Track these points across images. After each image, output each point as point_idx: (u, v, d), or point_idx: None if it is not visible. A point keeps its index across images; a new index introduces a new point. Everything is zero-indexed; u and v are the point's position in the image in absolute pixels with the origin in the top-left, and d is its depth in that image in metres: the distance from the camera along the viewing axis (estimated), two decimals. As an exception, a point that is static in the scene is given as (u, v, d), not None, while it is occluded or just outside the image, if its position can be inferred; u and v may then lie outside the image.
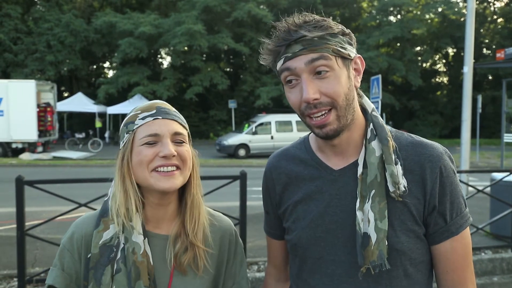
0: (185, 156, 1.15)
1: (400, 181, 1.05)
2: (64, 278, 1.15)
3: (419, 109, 30.95)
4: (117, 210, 1.15)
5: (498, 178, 5.53)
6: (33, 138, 18.44)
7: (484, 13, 32.49)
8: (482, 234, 5.77)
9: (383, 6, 28.94)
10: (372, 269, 1.04)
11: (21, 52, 26.56)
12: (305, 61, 1.03)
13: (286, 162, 1.24)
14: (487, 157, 18.98)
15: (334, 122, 1.05)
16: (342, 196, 1.11)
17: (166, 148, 1.11)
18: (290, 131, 19.26)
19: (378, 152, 1.08)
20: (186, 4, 26.67)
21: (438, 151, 1.10)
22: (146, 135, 1.12)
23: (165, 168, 1.12)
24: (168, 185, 1.12)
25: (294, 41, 1.04)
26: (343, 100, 1.04)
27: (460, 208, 1.10)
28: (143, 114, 1.15)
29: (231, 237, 1.29)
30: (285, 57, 1.05)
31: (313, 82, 1.03)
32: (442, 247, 1.09)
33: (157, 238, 1.19)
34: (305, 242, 1.15)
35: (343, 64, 1.06)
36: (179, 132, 1.15)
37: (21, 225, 3.75)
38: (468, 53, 8.79)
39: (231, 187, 4.23)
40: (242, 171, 4.19)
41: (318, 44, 1.03)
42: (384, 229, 1.04)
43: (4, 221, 7.19)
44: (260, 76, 27.69)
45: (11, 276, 4.42)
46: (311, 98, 1.02)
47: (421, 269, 1.11)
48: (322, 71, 1.03)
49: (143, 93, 24.76)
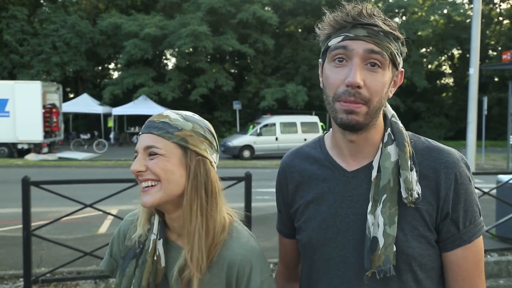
0: (154, 169, 1.08)
1: (414, 187, 1.04)
2: (110, 263, 1.26)
3: (424, 110, 30.85)
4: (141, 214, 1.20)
5: (504, 180, 5.50)
6: (39, 139, 18.53)
7: (490, 15, 32.36)
8: (488, 237, 5.74)
9: (388, 8, 28.86)
10: (377, 274, 1.04)
11: (27, 53, 26.72)
12: (364, 48, 1.02)
13: (299, 161, 1.23)
14: (493, 159, 18.88)
15: (362, 115, 1.03)
16: (354, 198, 1.10)
17: (133, 164, 1.09)
18: (295, 132, 19.25)
19: (394, 157, 1.08)
20: (191, 6, 26.73)
21: (454, 157, 1.09)
22: (134, 151, 1.13)
23: (143, 183, 1.10)
24: (144, 201, 1.10)
25: (362, 25, 1.02)
26: (378, 101, 1.05)
27: (474, 217, 1.08)
28: (142, 129, 1.17)
29: (242, 269, 1.11)
30: (346, 35, 1.03)
31: (362, 70, 1.02)
32: (454, 255, 1.08)
33: (173, 247, 1.17)
34: (316, 243, 1.14)
35: (391, 69, 1.07)
36: (149, 146, 1.09)
37: (27, 226, 3.77)
38: (474, 55, 8.75)
39: (236, 189, 4.22)
40: (247, 172, 4.20)
41: (382, 39, 1.03)
42: (392, 235, 1.03)
43: (10, 221, 7.23)
44: (264, 78, 27.70)
45: (17, 276, 4.44)
46: (357, 82, 1.00)
47: (431, 276, 1.10)
48: (375, 64, 1.03)
49: (148, 94, 24.82)
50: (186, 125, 1.13)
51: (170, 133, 1.10)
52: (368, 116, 1.04)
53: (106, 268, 1.27)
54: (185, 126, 1.12)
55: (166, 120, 1.12)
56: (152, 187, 1.09)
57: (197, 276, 1.08)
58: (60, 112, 20.58)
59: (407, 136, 1.12)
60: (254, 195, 4.22)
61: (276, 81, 26.70)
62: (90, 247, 4.52)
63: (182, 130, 1.11)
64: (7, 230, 6.74)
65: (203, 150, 1.14)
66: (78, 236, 6.29)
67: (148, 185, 1.09)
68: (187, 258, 1.09)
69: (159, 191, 1.09)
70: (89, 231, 6.77)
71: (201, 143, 1.14)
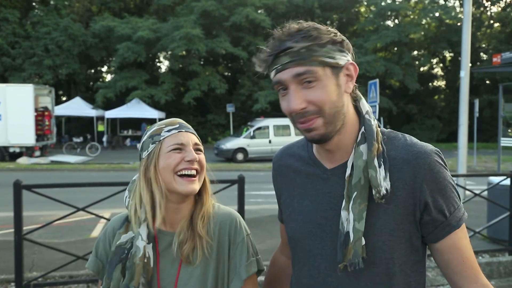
0: (203, 162, 1.35)
1: (380, 184, 1.08)
2: (96, 264, 1.38)
3: (417, 113, 31.03)
4: (134, 214, 1.33)
5: (495, 182, 5.55)
6: (31, 142, 18.41)
7: (481, 18, 32.67)
8: (480, 238, 5.78)
9: (381, 11, 29.06)
10: (348, 267, 1.09)
11: (19, 56, 26.55)
12: (292, 74, 1.07)
13: (287, 157, 1.33)
14: (484, 161, 19.02)
15: (320, 127, 1.10)
16: (332, 195, 1.17)
17: (191, 154, 1.31)
18: (288, 135, 19.27)
19: (365, 155, 1.12)
20: (184, 9, 26.74)
21: (427, 148, 1.13)
22: (173, 143, 1.31)
23: (188, 171, 1.30)
24: (190, 189, 1.30)
25: (283, 52, 1.08)
26: (330, 107, 1.08)
27: (456, 202, 1.12)
28: (168, 128, 1.34)
29: (230, 224, 1.38)
30: (276, 69, 1.10)
31: (300, 92, 1.08)
32: (449, 241, 1.11)
33: (169, 235, 1.34)
34: (298, 235, 1.22)
35: (332, 73, 1.09)
36: (198, 143, 1.36)
37: (19, 230, 3.76)
38: (465, 58, 8.84)
39: (229, 191, 4.23)
40: (240, 175, 4.20)
41: (304, 56, 1.06)
42: (361, 230, 1.08)
43: (1, 225, 7.18)
44: (258, 80, 27.72)
45: (9, 281, 4.40)
46: (297, 108, 1.08)
47: (403, 269, 1.13)
48: (309, 81, 1.07)
49: (141, 97, 24.77)
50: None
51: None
52: (328, 125, 1.10)
53: (93, 268, 1.38)
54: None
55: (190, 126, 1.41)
56: (195, 176, 1.31)
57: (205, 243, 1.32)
58: (52, 115, 20.46)
59: (377, 133, 1.15)
60: (248, 198, 4.23)
61: (269, 84, 26.61)
62: (83, 251, 4.50)
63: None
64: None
65: None
66: (71, 240, 6.25)
67: (193, 174, 1.31)
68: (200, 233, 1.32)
69: (199, 181, 1.33)
70: (81, 235, 6.73)
71: None
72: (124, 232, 1.34)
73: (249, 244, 1.39)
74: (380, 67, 25.98)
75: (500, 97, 12.67)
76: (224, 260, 1.36)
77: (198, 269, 1.32)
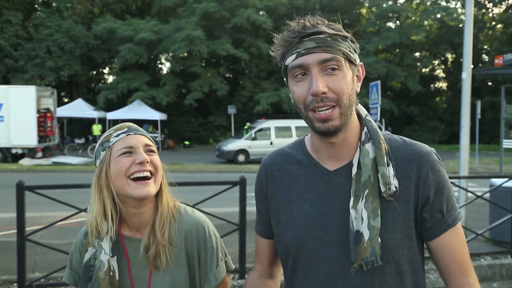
0: (156, 163, 1.31)
1: (391, 181, 1.10)
2: (72, 276, 1.39)
3: (418, 114, 30.97)
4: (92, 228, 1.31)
5: (497, 184, 5.54)
6: (33, 144, 18.45)
7: (483, 19, 32.61)
8: (482, 240, 5.77)
9: (382, 12, 29.04)
10: (364, 266, 1.09)
11: (21, 58, 26.60)
12: (318, 59, 1.07)
13: (281, 161, 1.27)
14: (486, 163, 18.97)
15: (337, 118, 1.09)
16: (336, 196, 1.15)
17: (141, 155, 1.27)
18: (290, 136, 19.26)
19: (371, 154, 1.13)
20: (186, 10, 26.76)
21: (427, 148, 1.17)
22: (122, 148, 1.28)
23: (141, 174, 1.26)
24: (144, 192, 1.26)
25: (308, 37, 1.08)
26: (347, 99, 1.09)
27: (453, 201, 1.16)
28: (116, 133, 1.32)
29: (198, 233, 1.35)
30: (298, 52, 1.09)
31: (323, 77, 1.08)
32: (444, 239, 1.13)
33: (135, 241, 1.33)
34: (301, 241, 1.18)
35: (350, 67, 1.12)
36: (149, 144, 1.33)
37: (21, 231, 3.76)
38: (467, 59, 8.82)
39: (231, 193, 4.24)
40: (242, 176, 4.21)
41: (331, 44, 1.08)
42: (377, 227, 1.08)
43: (4, 226, 7.19)
44: (259, 82, 27.74)
45: (11, 282, 4.41)
46: (320, 91, 1.06)
47: (413, 267, 1.15)
48: (332, 68, 1.08)
49: (142, 99, 24.79)
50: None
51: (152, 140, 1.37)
52: (343, 117, 1.10)
53: (69, 281, 1.40)
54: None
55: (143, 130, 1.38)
56: (148, 179, 1.28)
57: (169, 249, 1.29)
58: (54, 117, 20.51)
59: (381, 134, 1.18)
60: (249, 199, 4.22)
61: (270, 85, 26.74)
62: (85, 252, 4.50)
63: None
64: (1, 235, 6.70)
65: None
66: (73, 241, 6.19)
67: (146, 176, 1.27)
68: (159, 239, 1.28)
69: (154, 183, 1.29)
70: (83, 236, 6.73)
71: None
72: (85, 251, 1.33)
73: (218, 250, 1.37)
74: (382, 69, 25.95)
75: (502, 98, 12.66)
76: (195, 266, 1.35)
77: (168, 275, 1.31)
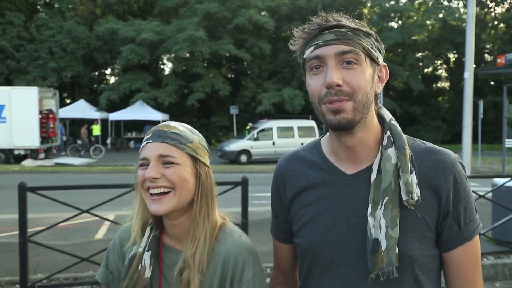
0: (172, 178, 1.15)
1: (414, 190, 1.05)
2: (106, 275, 1.30)
3: (421, 114, 30.93)
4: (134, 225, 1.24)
5: (500, 183, 5.53)
6: (36, 145, 18.48)
7: (485, 19, 32.55)
8: (484, 240, 5.74)
9: (384, 12, 29.02)
10: (381, 276, 1.05)
11: (23, 59, 26.67)
12: (335, 51, 1.04)
13: (296, 165, 1.22)
14: (489, 163, 18.93)
15: (349, 111, 1.04)
16: (354, 201, 1.11)
17: (150, 170, 1.14)
18: (292, 137, 19.27)
19: (394, 159, 1.08)
20: (188, 11, 26.77)
21: (451, 157, 1.11)
22: (140, 158, 1.19)
23: (153, 190, 1.14)
24: (155, 209, 1.15)
25: (328, 30, 1.05)
26: (362, 95, 1.04)
27: (473, 214, 1.11)
28: (146, 137, 1.22)
29: (236, 260, 1.19)
30: (316, 44, 1.06)
31: (339, 70, 1.04)
32: (456, 253, 1.10)
33: (174, 252, 1.23)
34: (316, 246, 1.14)
35: (371, 64, 1.07)
36: (165, 155, 1.15)
37: (24, 232, 3.77)
38: (469, 59, 8.81)
39: (233, 193, 4.23)
40: (244, 177, 4.21)
41: (351, 37, 1.04)
42: (395, 237, 1.04)
43: (6, 227, 7.21)
44: (261, 82, 27.74)
45: (13, 283, 4.42)
46: (335, 82, 1.02)
47: (430, 276, 1.12)
48: (350, 61, 1.04)
49: (145, 100, 24.81)
50: (194, 137, 1.23)
51: (183, 144, 1.18)
52: (356, 112, 1.04)
53: (102, 280, 1.30)
54: (193, 139, 1.22)
55: (176, 131, 1.20)
56: (165, 194, 1.15)
57: (198, 277, 1.15)
58: (57, 118, 20.55)
59: (405, 139, 1.12)
60: (251, 200, 4.23)
61: (272, 86, 26.74)
62: (87, 253, 4.51)
63: (192, 142, 1.21)
64: (4, 236, 6.71)
65: (206, 160, 1.25)
66: (75, 242, 6.27)
67: (161, 192, 1.14)
68: (189, 262, 1.16)
69: (173, 198, 1.15)
70: (86, 237, 6.75)
71: (205, 155, 1.24)
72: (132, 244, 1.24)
73: (256, 283, 1.19)
74: (384, 69, 25.91)
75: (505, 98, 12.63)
76: None
77: None
